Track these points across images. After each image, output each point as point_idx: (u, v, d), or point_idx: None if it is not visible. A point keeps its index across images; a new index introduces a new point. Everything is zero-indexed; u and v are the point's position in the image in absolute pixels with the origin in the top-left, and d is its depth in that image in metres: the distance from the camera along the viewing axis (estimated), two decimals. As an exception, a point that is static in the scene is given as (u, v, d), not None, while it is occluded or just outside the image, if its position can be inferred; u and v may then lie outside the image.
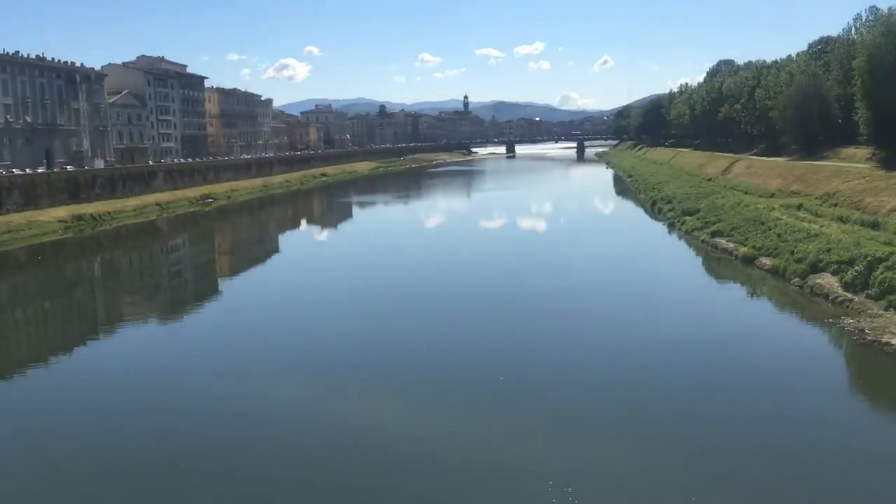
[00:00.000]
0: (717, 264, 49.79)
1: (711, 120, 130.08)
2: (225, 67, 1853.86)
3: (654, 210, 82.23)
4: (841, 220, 48.26)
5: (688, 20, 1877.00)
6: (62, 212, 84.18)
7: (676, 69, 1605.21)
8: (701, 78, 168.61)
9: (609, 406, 24.75)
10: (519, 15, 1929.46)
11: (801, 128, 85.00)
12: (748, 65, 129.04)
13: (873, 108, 63.61)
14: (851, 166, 64.25)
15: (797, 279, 39.57)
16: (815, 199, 58.45)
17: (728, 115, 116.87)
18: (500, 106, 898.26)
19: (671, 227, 67.95)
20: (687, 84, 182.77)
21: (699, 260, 52.79)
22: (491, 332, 34.51)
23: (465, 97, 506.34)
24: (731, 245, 51.60)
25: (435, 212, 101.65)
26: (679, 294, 43.17)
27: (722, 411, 23.96)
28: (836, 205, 53.61)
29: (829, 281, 36.97)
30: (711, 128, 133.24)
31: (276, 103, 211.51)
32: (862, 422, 23.90)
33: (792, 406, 24.56)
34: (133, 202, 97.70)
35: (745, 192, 73.70)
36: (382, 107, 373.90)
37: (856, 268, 35.46)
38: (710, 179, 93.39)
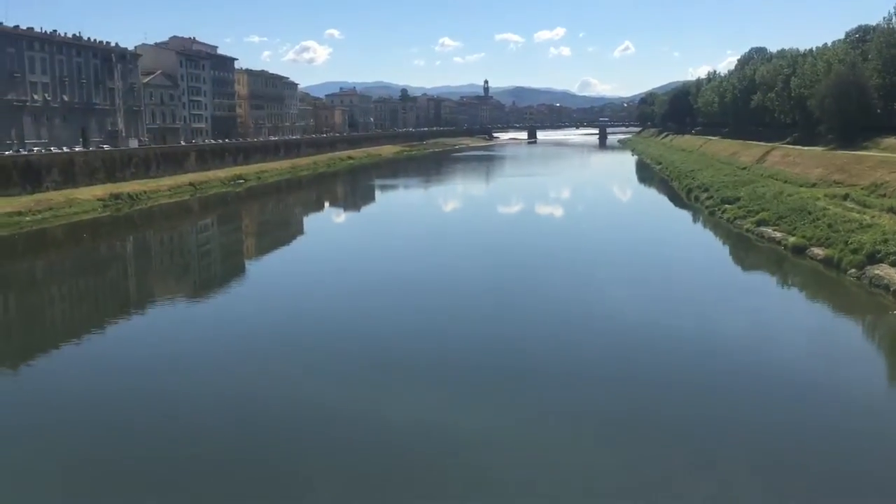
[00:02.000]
0: (767, 254, 49.64)
1: (742, 108, 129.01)
2: (246, 49, 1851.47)
3: (689, 198, 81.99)
4: (892, 210, 47.97)
5: (709, 7, 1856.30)
6: (99, 191, 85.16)
7: (697, 56, 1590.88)
8: (722, 65, 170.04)
9: (675, 408, 23.68)
10: (540, 0, 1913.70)
11: (840, 117, 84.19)
12: (781, 53, 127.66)
13: (920, 99, 63.03)
14: (897, 157, 63.67)
15: (854, 270, 39.40)
16: (861, 189, 57.99)
17: (761, 103, 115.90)
18: (519, 91, 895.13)
19: (711, 215, 67.75)
20: (715, 71, 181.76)
21: (747, 249, 52.59)
22: (536, 334, 32.71)
23: (486, 82, 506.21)
24: (778, 234, 51.39)
25: (466, 198, 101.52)
26: (734, 283, 43.43)
27: (795, 407, 23.76)
28: (884, 195, 53.17)
29: (888, 272, 36.79)
30: (742, 116, 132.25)
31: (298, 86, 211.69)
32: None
33: (870, 399, 24.75)
34: (168, 182, 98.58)
35: (785, 182, 73.30)
36: (404, 90, 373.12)
37: (917, 259, 35.37)
38: (745, 168, 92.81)
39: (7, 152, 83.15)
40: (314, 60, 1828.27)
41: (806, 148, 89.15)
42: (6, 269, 54.00)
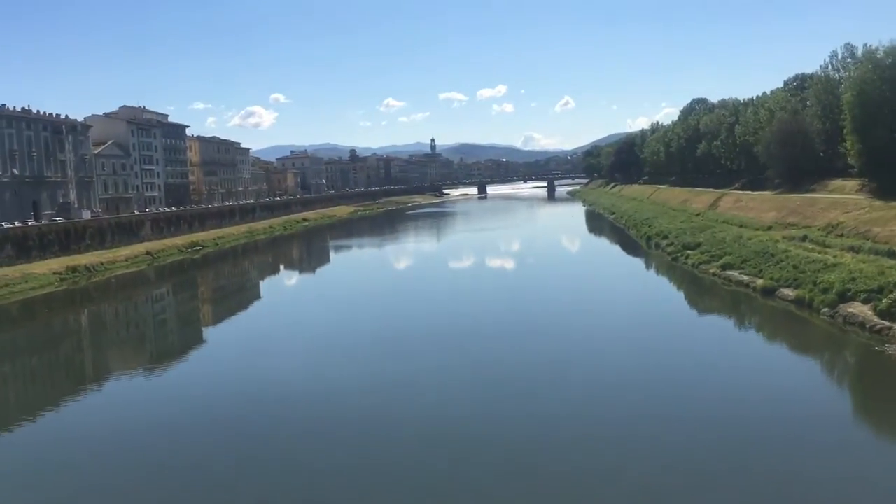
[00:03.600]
0: (737, 297, 50.76)
1: (688, 156, 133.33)
2: (191, 116, 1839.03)
3: (649, 245, 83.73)
4: (853, 250, 49.70)
5: (643, 62, 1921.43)
6: (55, 264, 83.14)
7: (634, 109, 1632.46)
8: (659, 116, 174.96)
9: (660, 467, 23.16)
10: (481, 59, 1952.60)
11: (786, 162, 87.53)
12: (723, 102, 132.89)
13: (864, 141, 65.96)
14: (847, 198, 66.28)
15: (826, 309, 40.52)
16: (818, 230, 60.05)
17: (707, 151, 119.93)
18: (464, 148, 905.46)
19: (674, 261, 69.17)
20: (658, 122, 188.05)
21: (716, 293, 53.71)
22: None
23: (433, 140, 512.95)
24: (745, 277, 52.70)
25: (431, 257, 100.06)
26: (714, 328, 44.28)
27: (787, 451, 23.98)
28: (841, 235, 55.15)
29: (861, 310, 37.97)
30: (688, 164, 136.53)
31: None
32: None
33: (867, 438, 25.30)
34: (124, 252, 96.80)
35: (740, 226, 75.37)
36: (353, 151, 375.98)
37: (890, 296, 36.53)
38: (698, 214, 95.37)
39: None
40: (260, 125, 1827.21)
41: (756, 193, 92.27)
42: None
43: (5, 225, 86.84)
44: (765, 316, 45.54)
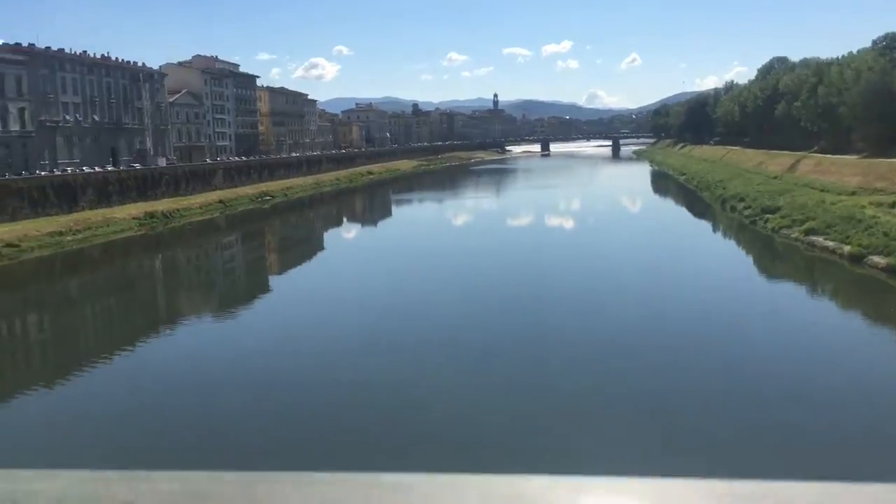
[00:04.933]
0: (822, 263, 49.42)
1: (765, 117, 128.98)
2: (256, 67, 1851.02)
3: (724, 208, 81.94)
4: (948, 218, 47.79)
5: (715, 19, 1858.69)
6: (134, 209, 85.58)
7: (704, 67, 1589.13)
8: (729, 75, 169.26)
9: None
10: (547, 13, 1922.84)
11: (873, 125, 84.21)
12: (805, 62, 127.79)
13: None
14: (941, 164, 63.55)
15: (921, 278, 39.27)
16: (909, 197, 57.89)
17: (786, 112, 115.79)
18: (527, 104, 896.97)
19: (752, 224, 67.56)
20: (733, 81, 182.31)
21: (800, 259, 52.32)
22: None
23: (495, 96, 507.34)
24: (830, 243, 51.08)
25: (504, 213, 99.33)
26: (803, 295, 43.15)
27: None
28: (935, 203, 53.10)
29: (960, 279, 36.66)
30: (764, 126, 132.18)
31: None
32: None
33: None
34: (198, 199, 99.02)
35: (822, 190, 72.97)
36: (416, 105, 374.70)
37: None
38: (775, 177, 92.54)
39: (42, 172, 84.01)
40: (323, 77, 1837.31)
41: (838, 156, 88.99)
42: (67, 286, 55.04)
43: (86, 169, 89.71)
44: (851, 283, 44.19)
